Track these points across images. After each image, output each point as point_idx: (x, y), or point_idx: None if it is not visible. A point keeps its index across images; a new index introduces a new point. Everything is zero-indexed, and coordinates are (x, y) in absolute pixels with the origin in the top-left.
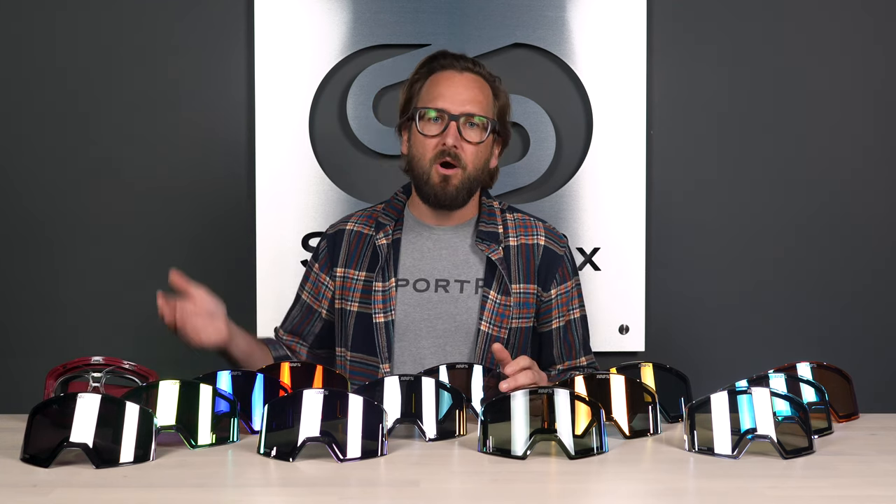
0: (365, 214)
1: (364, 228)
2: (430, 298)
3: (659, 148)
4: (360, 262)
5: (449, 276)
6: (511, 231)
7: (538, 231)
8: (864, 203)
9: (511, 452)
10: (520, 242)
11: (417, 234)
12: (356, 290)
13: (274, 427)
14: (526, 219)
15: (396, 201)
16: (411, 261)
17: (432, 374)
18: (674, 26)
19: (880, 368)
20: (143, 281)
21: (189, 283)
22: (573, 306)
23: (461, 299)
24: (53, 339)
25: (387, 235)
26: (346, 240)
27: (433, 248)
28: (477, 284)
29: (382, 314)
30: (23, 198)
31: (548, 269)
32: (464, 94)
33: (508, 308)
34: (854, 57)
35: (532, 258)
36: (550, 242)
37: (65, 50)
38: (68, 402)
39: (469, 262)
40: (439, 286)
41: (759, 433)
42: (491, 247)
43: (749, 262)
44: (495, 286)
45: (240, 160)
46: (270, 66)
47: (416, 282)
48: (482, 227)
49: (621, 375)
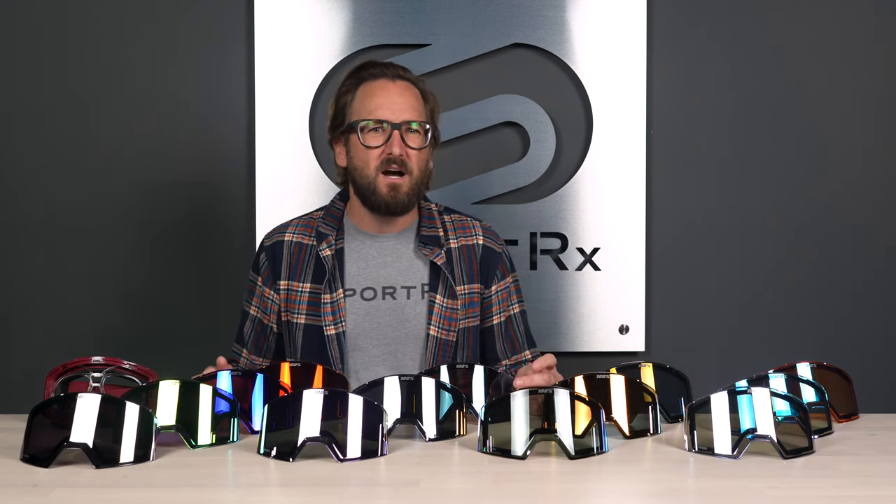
0: (302, 223)
1: (304, 238)
2: (378, 307)
3: (659, 148)
4: (304, 273)
5: (395, 283)
6: (451, 233)
7: (476, 231)
8: (864, 203)
9: (511, 452)
10: (460, 244)
11: (360, 243)
12: (302, 301)
13: (274, 427)
14: (463, 219)
15: (335, 209)
16: (356, 269)
17: (432, 374)
18: (674, 26)
19: (880, 368)
20: (144, 280)
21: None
22: (513, 301)
23: (409, 305)
24: (53, 339)
25: (330, 246)
26: (286, 251)
27: (377, 255)
28: (423, 289)
29: (333, 326)
30: (22, 197)
31: (488, 266)
32: (401, 102)
33: (455, 311)
34: (854, 57)
35: (473, 257)
36: (488, 241)
37: (65, 50)
38: (68, 402)
39: (413, 268)
40: (386, 294)
41: (759, 433)
42: (434, 251)
43: (749, 262)
44: (441, 289)
45: (240, 160)
46: (270, 66)
47: (363, 290)
48: (424, 232)
49: (621, 375)
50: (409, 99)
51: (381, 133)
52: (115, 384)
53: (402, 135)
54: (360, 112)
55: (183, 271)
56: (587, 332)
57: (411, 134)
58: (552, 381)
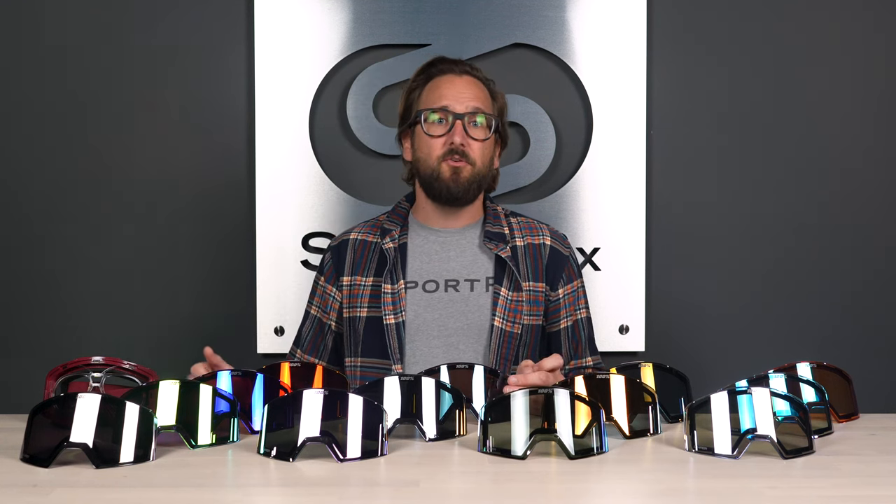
0: (368, 224)
1: (368, 237)
2: (440, 298)
3: (659, 148)
4: (367, 267)
5: (458, 276)
6: (517, 232)
7: (543, 232)
8: (863, 203)
9: (511, 452)
10: (526, 242)
11: (424, 239)
12: (364, 295)
13: (274, 427)
14: (530, 221)
15: (400, 208)
16: (419, 264)
17: (432, 374)
18: (674, 26)
19: (880, 369)
20: (143, 281)
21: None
22: (580, 306)
23: (472, 297)
24: (53, 339)
25: (393, 240)
26: (350, 249)
27: (440, 250)
28: (487, 282)
29: (393, 315)
30: (22, 198)
31: (555, 268)
32: (466, 93)
33: (521, 304)
34: (854, 57)
35: (539, 257)
36: (556, 243)
37: (65, 50)
38: (68, 402)
39: (478, 262)
40: (449, 286)
41: (759, 433)
42: (499, 245)
43: (749, 261)
44: (506, 283)
45: (240, 160)
46: (270, 66)
47: (426, 283)
48: (489, 228)
49: (621, 375)
50: (474, 91)
51: (444, 123)
52: (115, 384)
53: (465, 125)
54: (425, 103)
55: (183, 271)
56: None
57: (475, 126)
58: (550, 382)
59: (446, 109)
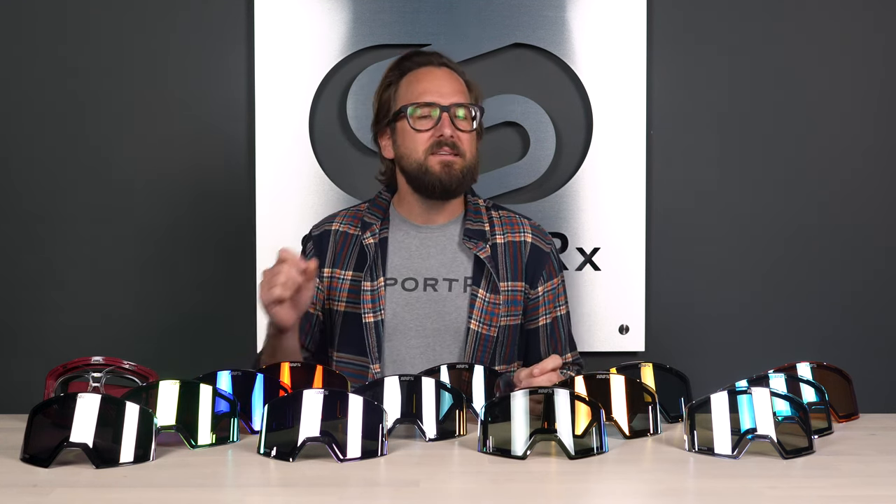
0: (349, 214)
1: (350, 228)
2: (418, 297)
3: (659, 148)
4: (347, 261)
5: (437, 275)
6: (497, 228)
7: (524, 228)
8: (864, 203)
9: (511, 452)
10: (506, 240)
11: (405, 234)
12: (343, 289)
13: (274, 427)
14: (511, 216)
15: (381, 199)
16: (399, 260)
17: (432, 374)
18: (674, 26)
19: (880, 368)
20: (143, 280)
21: (302, 259)
22: (560, 303)
23: (450, 298)
24: (53, 339)
25: (374, 234)
26: (332, 240)
27: (420, 246)
28: (465, 283)
29: (372, 314)
30: (22, 197)
31: (535, 266)
32: (448, 86)
33: (497, 306)
34: (854, 57)
35: (519, 255)
36: (537, 239)
37: (65, 49)
38: (68, 402)
39: (457, 261)
40: (428, 285)
41: (759, 433)
42: (478, 245)
43: (749, 261)
44: (484, 284)
45: (240, 160)
46: (270, 66)
47: (405, 281)
48: (469, 226)
49: (621, 375)
50: (455, 83)
51: (429, 118)
52: (115, 384)
53: (452, 117)
54: (407, 98)
55: (183, 271)
56: (587, 332)
57: (461, 118)
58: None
59: (433, 103)
